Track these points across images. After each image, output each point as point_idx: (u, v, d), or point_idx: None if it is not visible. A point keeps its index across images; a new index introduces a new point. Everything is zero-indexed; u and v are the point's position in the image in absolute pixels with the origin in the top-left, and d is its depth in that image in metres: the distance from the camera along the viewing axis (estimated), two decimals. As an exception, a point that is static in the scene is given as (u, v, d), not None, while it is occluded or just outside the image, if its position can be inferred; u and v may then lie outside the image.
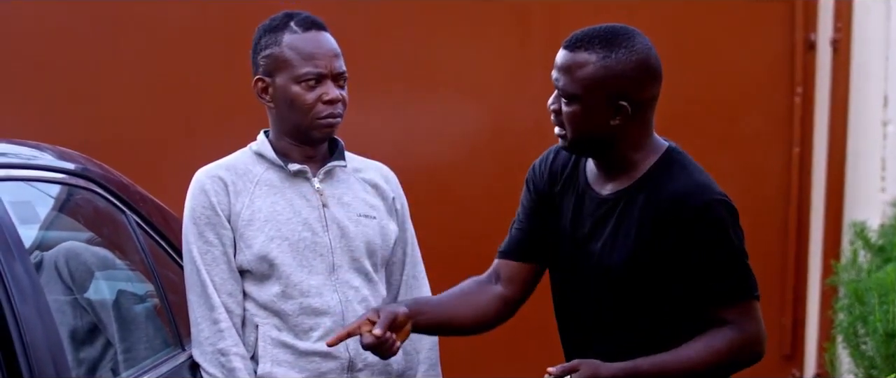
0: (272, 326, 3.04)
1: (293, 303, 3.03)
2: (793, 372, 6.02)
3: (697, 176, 2.82)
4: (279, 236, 3.03)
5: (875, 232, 5.19)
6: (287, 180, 3.09)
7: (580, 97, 2.76)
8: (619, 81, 2.74)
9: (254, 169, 3.09)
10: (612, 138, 2.79)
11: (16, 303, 2.48)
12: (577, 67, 2.75)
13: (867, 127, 5.87)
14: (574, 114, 2.77)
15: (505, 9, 5.89)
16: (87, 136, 5.38)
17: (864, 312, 4.62)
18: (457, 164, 5.92)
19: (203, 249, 3.04)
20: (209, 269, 3.03)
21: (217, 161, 3.12)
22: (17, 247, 2.58)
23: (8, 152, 2.94)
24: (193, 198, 3.06)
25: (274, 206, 3.06)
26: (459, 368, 6.00)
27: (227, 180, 3.06)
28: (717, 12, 5.92)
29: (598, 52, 2.74)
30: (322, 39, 3.09)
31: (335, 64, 3.08)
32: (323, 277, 3.05)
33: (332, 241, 3.07)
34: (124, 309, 3.24)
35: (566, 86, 2.77)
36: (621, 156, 2.82)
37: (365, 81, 5.81)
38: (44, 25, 5.77)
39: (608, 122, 2.77)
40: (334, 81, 3.07)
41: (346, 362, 3.04)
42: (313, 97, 3.04)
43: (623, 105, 2.75)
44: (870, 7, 5.87)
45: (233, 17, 5.68)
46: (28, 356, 2.45)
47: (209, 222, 3.04)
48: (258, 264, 3.04)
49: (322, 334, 3.02)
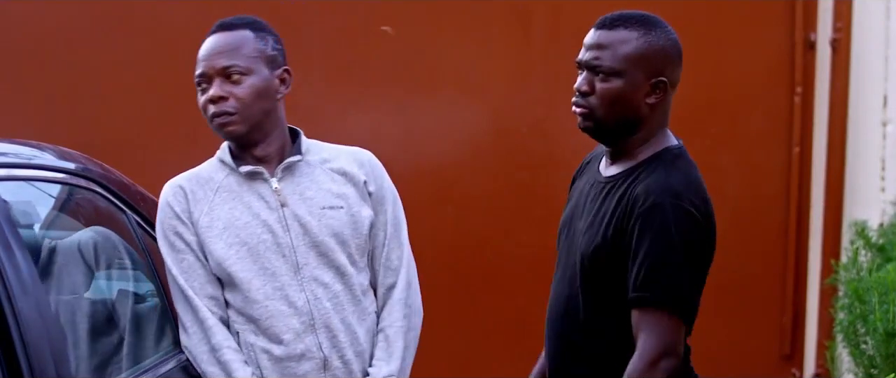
0: (250, 332, 3.05)
1: (259, 307, 3.03)
2: (792, 371, 6.02)
3: (674, 177, 2.77)
4: (238, 242, 3.03)
5: (875, 231, 5.19)
6: (245, 183, 3.08)
7: (624, 72, 2.78)
8: (659, 58, 2.80)
9: (215, 176, 3.10)
10: (640, 119, 2.81)
11: (16, 302, 2.48)
12: (619, 43, 2.79)
13: (867, 127, 5.87)
14: (613, 90, 2.79)
15: (506, 8, 5.89)
16: (87, 136, 5.38)
17: (864, 311, 4.62)
18: (457, 163, 5.92)
19: (177, 259, 3.05)
20: (186, 276, 3.04)
21: (184, 172, 3.14)
22: (17, 246, 2.59)
23: (8, 152, 2.94)
24: (160, 210, 3.09)
25: (232, 212, 3.06)
26: (460, 368, 6.01)
27: (187, 189, 3.08)
28: (716, 12, 5.92)
29: (638, 29, 2.80)
30: (216, 40, 3.07)
31: (217, 61, 3.03)
32: (288, 278, 3.04)
33: (293, 239, 3.04)
34: (123, 309, 3.24)
35: (609, 61, 2.78)
36: (635, 142, 2.83)
37: (366, 81, 5.82)
38: (44, 25, 5.77)
39: (644, 100, 2.80)
40: (225, 79, 3.02)
41: (320, 362, 3.04)
42: (203, 99, 3.05)
43: (663, 81, 2.79)
44: (870, 7, 5.87)
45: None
46: (28, 356, 2.46)
47: (176, 232, 3.05)
48: (220, 272, 3.04)
49: (293, 337, 3.02)
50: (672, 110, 2.91)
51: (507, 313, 5.80)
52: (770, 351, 6.06)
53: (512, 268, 5.84)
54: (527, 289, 5.80)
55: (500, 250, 5.89)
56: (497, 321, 5.83)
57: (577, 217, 2.91)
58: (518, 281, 5.78)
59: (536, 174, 5.86)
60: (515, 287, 5.77)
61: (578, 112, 2.84)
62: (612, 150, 2.89)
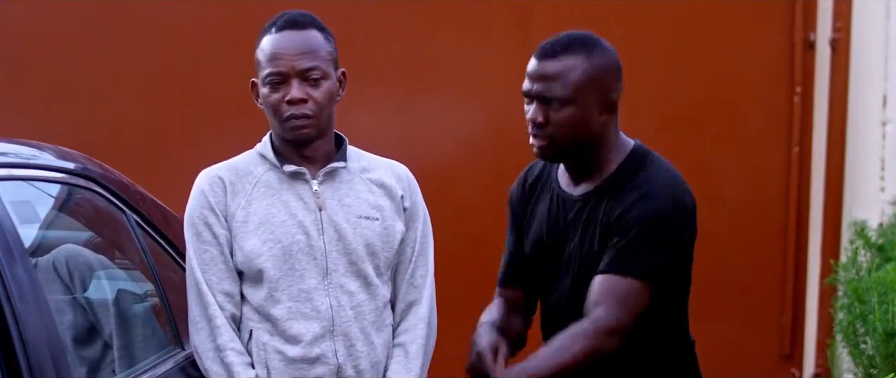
0: (264, 331, 3.02)
1: (281, 307, 3.00)
2: (792, 371, 6.02)
3: (653, 184, 2.84)
4: (272, 239, 3.01)
5: (874, 231, 5.19)
6: (285, 182, 3.06)
7: (576, 99, 2.83)
8: (607, 79, 2.85)
9: (255, 170, 3.07)
10: (598, 137, 2.87)
11: (15, 302, 2.48)
12: (567, 71, 2.82)
13: (866, 126, 5.87)
14: (569, 118, 2.83)
15: (505, 9, 5.89)
16: (87, 135, 5.38)
17: (863, 311, 4.62)
18: (457, 163, 5.92)
19: (200, 249, 3.01)
20: (205, 269, 3.01)
21: (222, 162, 3.11)
22: (16, 246, 2.59)
23: (8, 152, 2.94)
24: (193, 198, 3.05)
25: (269, 209, 3.03)
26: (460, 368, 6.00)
27: (226, 180, 3.05)
28: (716, 12, 5.92)
29: (582, 54, 2.83)
30: (290, 38, 3.02)
31: (299, 62, 2.99)
32: (315, 281, 3.02)
33: (326, 244, 3.02)
34: (124, 308, 3.24)
35: (559, 90, 2.82)
36: (597, 156, 2.90)
37: (366, 81, 5.82)
38: (44, 25, 5.77)
39: (598, 121, 2.85)
40: (303, 80, 2.99)
41: (334, 368, 3.02)
42: (277, 98, 2.99)
43: (612, 100, 2.86)
44: (869, 7, 5.87)
45: (234, 17, 5.69)
46: (28, 355, 2.46)
47: (206, 222, 3.02)
48: (248, 266, 3.01)
49: (311, 339, 3.01)
50: (673, 110, 2.94)
51: (507, 313, 5.80)
52: (770, 351, 6.05)
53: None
54: (526, 289, 5.80)
55: (499, 250, 5.88)
56: (497, 321, 5.83)
57: (560, 240, 2.96)
58: (518, 281, 5.77)
59: (536, 174, 5.86)
60: (515, 287, 5.76)
61: (538, 144, 2.88)
62: (579, 166, 2.93)
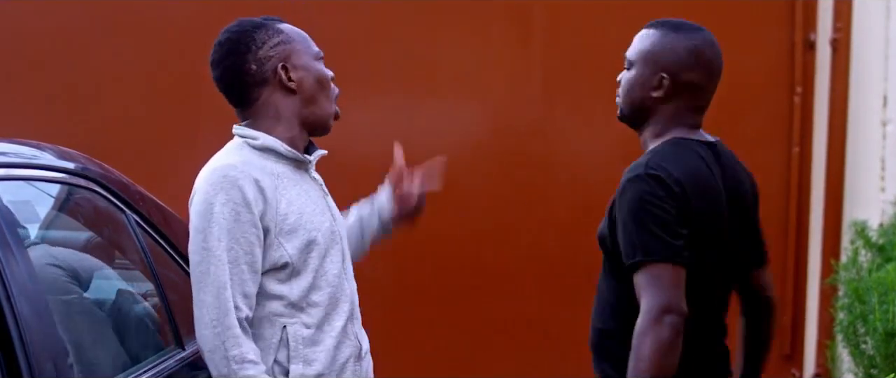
0: (301, 325, 2.95)
1: (322, 293, 2.99)
2: (792, 371, 6.02)
3: (650, 156, 2.97)
4: (312, 228, 2.98)
5: (875, 231, 5.19)
6: (296, 173, 3.04)
7: (634, 64, 3.08)
8: (668, 56, 3.05)
9: (268, 165, 2.98)
10: (648, 110, 3.07)
11: (15, 302, 2.48)
12: (641, 40, 3.10)
13: (866, 126, 5.87)
14: (628, 79, 3.09)
15: (505, 9, 5.89)
16: (87, 135, 5.38)
17: (864, 311, 4.62)
18: (457, 163, 5.90)
19: (229, 246, 2.86)
20: (231, 267, 2.86)
21: (227, 160, 2.95)
22: (17, 246, 2.59)
23: (8, 152, 2.94)
24: (226, 192, 2.86)
25: (300, 198, 3.00)
26: (460, 368, 6.01)
27: (261, 180, 2.92)
28: (716, 12, 5.91)
29: (664, 31, 3.08)
30: None
31: None
32: (340, 267, 3.06)
33: (339, 229, 3.10)
34: (123, 309, 3.24)
35: (629, 53, 3.10)
36: (647, 134, 3.09)
37: (365, 81, 5.82)
38: (44, 25, 5.77)
39: (650, 93, 3.06)
40: None
41: (357, 349, 3.06)
42: (331, 76, 3.11)
43: (664, 77, 3.03)
44: (869, 7, 5.87)
45: (234, 18, 5.68)
46: (28, 355, 2.46)
47: (239, 219, 2.87)
48: (298, 258, 2.94)
49: (343, 323, 3.02)
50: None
51: (507, 313, 5.80)
52: (770, 351, 6.05)
53: (511, 268, 5.84)
54: (526, 289, 5.81)
55: (499, 250, 5.89)
56: (496, 321, 5.83)
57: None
58: (518, 281, 5.78)
59: (535, 174, 5.87)
60: (515, 287, 5.77)
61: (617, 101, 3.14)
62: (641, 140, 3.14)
